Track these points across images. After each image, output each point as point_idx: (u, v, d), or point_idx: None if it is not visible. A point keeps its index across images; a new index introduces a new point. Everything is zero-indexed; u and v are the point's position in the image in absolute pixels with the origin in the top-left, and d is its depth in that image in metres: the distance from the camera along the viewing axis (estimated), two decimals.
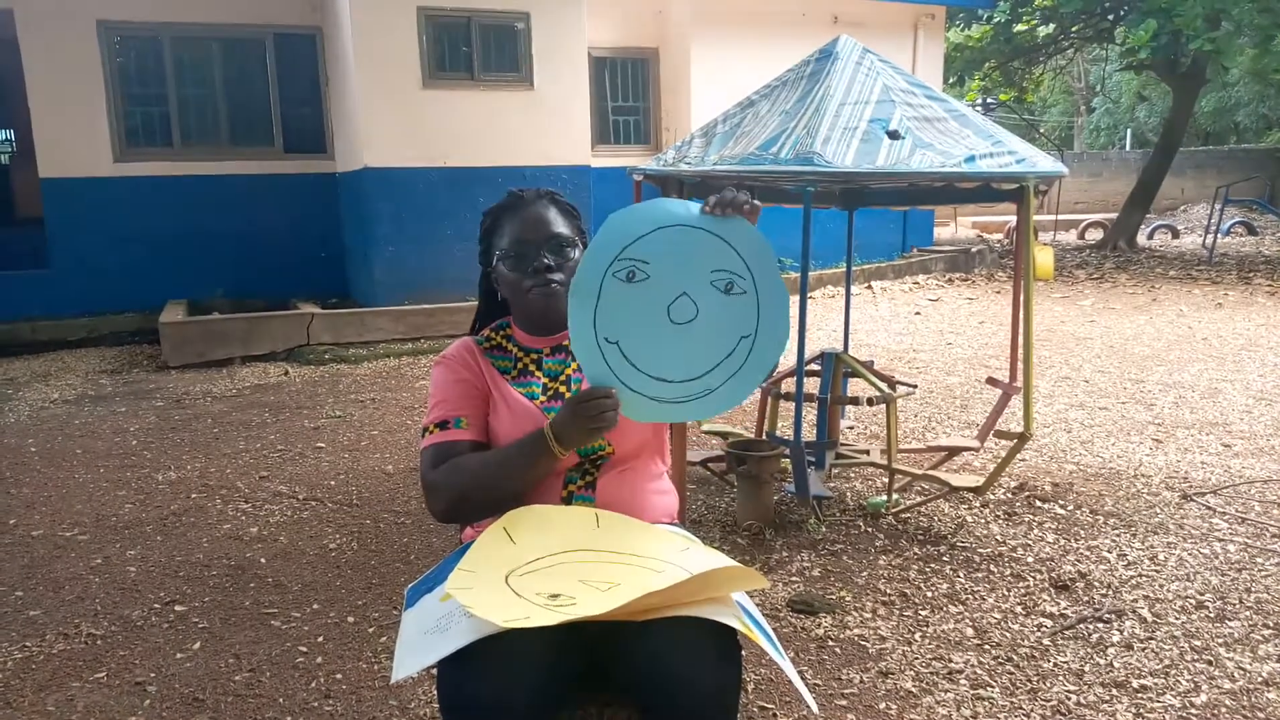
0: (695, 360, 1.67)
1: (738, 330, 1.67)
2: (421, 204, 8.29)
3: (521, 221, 1.83)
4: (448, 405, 1.81)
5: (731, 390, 1.68)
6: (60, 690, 2.63)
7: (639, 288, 1.65)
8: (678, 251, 1.65)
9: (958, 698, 2.49)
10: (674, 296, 1.66)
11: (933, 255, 12.82)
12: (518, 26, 8.42)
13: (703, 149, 3.71)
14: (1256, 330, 7.91)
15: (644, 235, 1.65)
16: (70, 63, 8.46)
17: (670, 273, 1.65)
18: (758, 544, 3.54)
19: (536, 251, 1.80)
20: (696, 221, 1.66)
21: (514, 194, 1.89)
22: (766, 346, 1.68)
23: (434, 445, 1.77)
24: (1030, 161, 3.37)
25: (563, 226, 1.84)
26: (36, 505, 4.17)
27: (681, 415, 1.70)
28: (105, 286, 8.70)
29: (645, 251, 1.64)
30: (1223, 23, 12.01)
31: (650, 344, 1.66)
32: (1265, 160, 22.44)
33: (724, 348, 1.67)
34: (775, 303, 1.67)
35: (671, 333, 1.66)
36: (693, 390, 1.67)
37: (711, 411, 1.70)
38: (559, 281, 1.80)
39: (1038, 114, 32.22)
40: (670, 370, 1.67)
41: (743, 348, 1.67)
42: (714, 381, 1.67)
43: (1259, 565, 3.27)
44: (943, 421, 5.27)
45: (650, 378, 1.66)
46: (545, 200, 1.87)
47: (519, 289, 1.82)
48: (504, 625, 1.32)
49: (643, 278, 1.64)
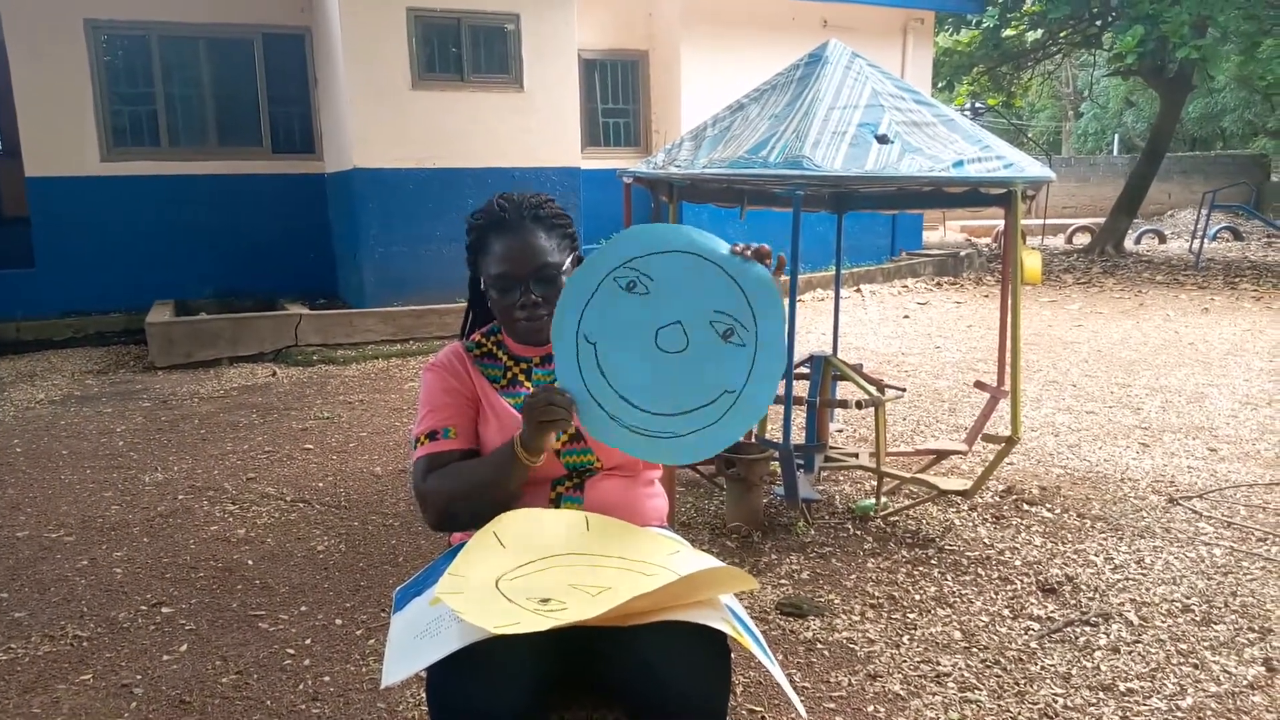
0: (669, 396, 1.60)
1: (723, 382, 1.59)
2: (410, 205, 8.27)
3: (507, 250, 1.77)
4: (436, 415, 1.80)
5: (695, 444, 1.60)
6: (46, 692, 2.61)
7: (636, 299, 1.60)
8: (688, 280, 1.59)
9: (945, 700, 2.49)
10: (668, 321, 1.59)
11: (921, 259, 12.86)
12: (507, 28, 8.41)
13: (692, 152, 3.71)
14: (1242, 335, 7.96)
15: (659, 253, 1.59)
16: (57, 61, 8.41)
17: (672, 297, 1.59)
18: (746, 547, 3.54)
19: (524, 286, 1.77)
20: (718, 258, 1.60)
21: (499, 209, 1.81)
22: (745, 410, 1.59)
23: (425, 456, 1.78)
24: (1018, 166, 3.38)
25: (550, 254, 1.78)
26: (22, 506, 4.14)
27: (634, 447, 1.62)
28: (92, 286, 8.65)
29: (654, 268, 1.60)
30: (1209, 29, 12.10)
31: (628, 360, 1.60)
32: (1251, 166, 22.59)
33: (703, 395, 1.59)
34: (769, 367, 1.58)
35: (654, 357, 1.60)
36: (654, 427, 1.60)
37: (666, 458, 1.63)
38: (547, 312, 1.77)
39: (1026, 119, 32.37)
40: (640, 395, 1.60)
41: (723, 402, 1.59)
42: (680, 428, 1.59)
43: (1244, 569, 3.29)
44: (931, 425, 5.29)
45: (616, 393, 1.60)
46: (530, 221, 1.79)
47: (508, 314, 1.81)
48: (495, 631, 1.31)
49: (642, 291, 1.60)
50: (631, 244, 1.61)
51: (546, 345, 1.85)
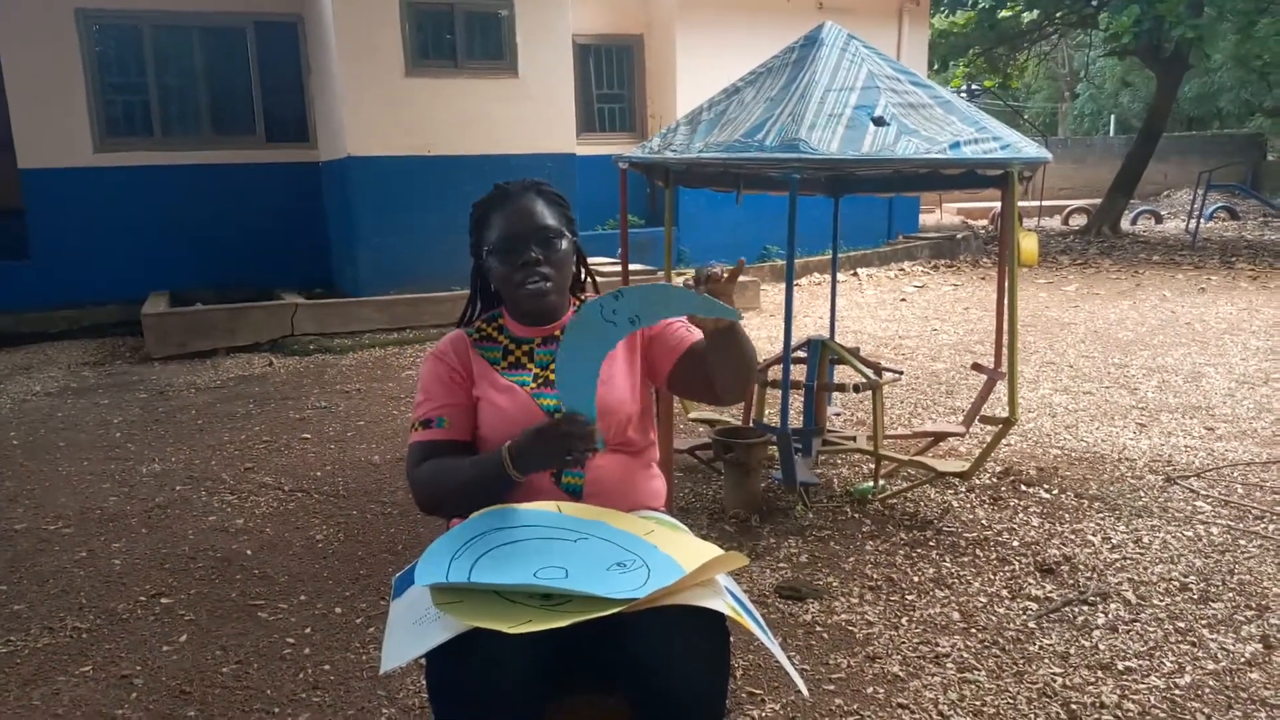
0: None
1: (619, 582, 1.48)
2: (405, 193, 8.24)
3: (508, 215, 1.82)
4: (431, 404, 1.83)
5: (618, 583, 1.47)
6: (46, 684, 2.62)
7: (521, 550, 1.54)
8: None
9: (944, 681, 2.50)
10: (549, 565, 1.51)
11: (918, 242, 12.85)
12: (501, 13, 8.37)
13: (688, 136, 3.70)
14: (1239, 314, 7.96)
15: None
16: (48, 51, 8.36)
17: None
18: (745, 531, 3.55)
19: (525, 245, 1.80)
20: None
21: (500, 187, 1.88)
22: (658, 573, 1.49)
23: (418, 443, 1.81)
24: (1015, 148, 3.37)
25: (550, 218, 1.83)
26: (19, 498, 4.14)
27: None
28: (87, 278, 8.62)
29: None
30: (1205, 9, 12.06)
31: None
32: (1248, 145, 22.57)
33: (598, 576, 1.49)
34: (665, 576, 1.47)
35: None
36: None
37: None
38: (548, 275, 1.81)
39: (1022, 100, 32.28)
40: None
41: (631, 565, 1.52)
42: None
43: (1241, 547, 3.30)
44: (929, 407, 5.29)
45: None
46: (531, 192, 1.85)
47: (509, 283, 1.83)
48: (510, 631, 1.33)
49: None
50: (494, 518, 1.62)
51: (548, 324, 1.88)
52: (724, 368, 1.72)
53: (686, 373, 1.83)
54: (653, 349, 1.88)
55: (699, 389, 1.85)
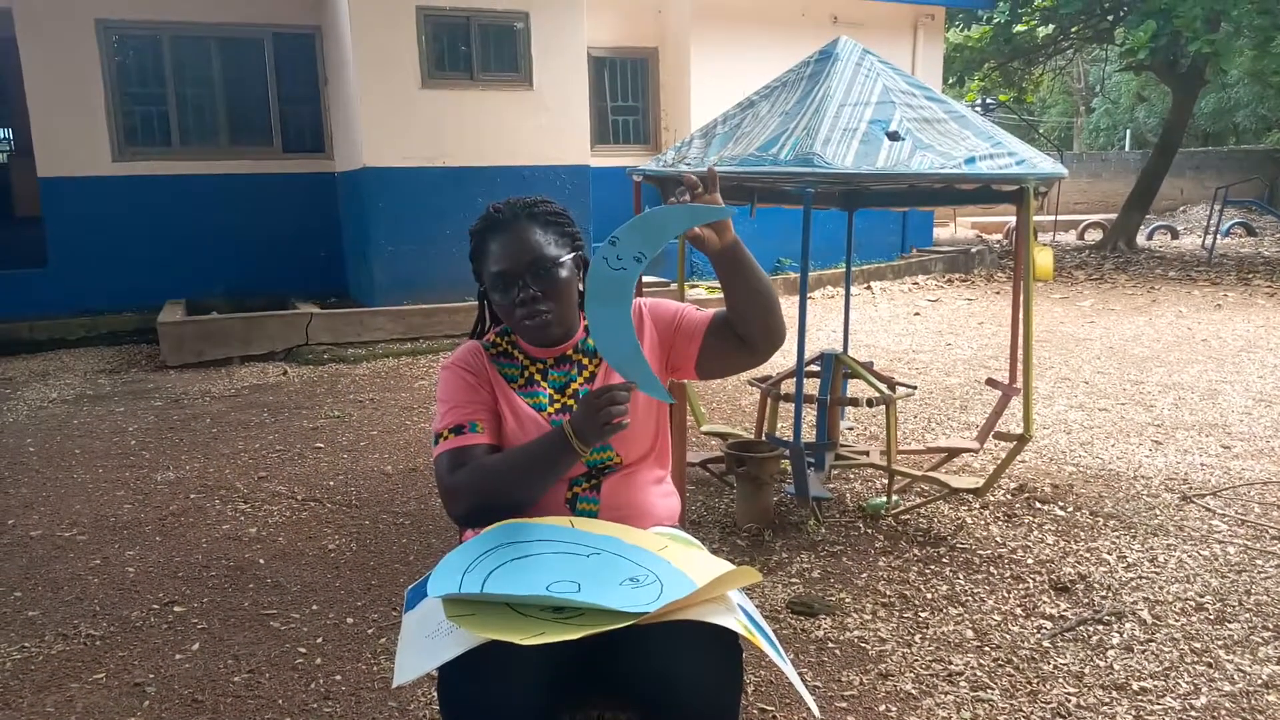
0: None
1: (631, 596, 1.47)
2: (420, 204, 8.28)
3: (503, 248, 1.76)
4: (461, 410, 1.77)
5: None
6: (59, 691, 2.63)
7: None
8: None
9: (958, 700, 2.48)
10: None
11: (932, 256, 12.82)
12: (517, 26, 8.41)
13: (703, 150, 3.71)
14: (1256, 331, 7.91)
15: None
16: (69, 61, 8.45)
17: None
18: (757, 545, 3.54)
19: (520, 280, 1.75)
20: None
21: (492, 213, 1.81)
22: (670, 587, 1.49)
23: (450, 451, 1.74)
24: (1030, 163, 3.37)
25: (546, 246, 1.76)
26: (35, 505, 4.16)
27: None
28: (104, 286, 8.68)
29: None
30: (1222, 24, 12.01)
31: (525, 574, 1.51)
32: (1264, 161, 22.43)
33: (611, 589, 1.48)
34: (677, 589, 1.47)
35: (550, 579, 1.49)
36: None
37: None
38: (547, 309, 1.76)
39: (1037, 114, 32.23)
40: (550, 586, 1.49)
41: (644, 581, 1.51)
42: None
43: (1259, 567, 3.27)
44: (942, 423, 5.27)
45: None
46: (524, 218, 1.77)
47: (510, 317, 1.80)
48: (524, 643, 1.32)
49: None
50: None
51: (554, 347, 1.86)
52: (745, 297, 1.68)
53: (714, 345, 1.79)
54: (676, 343, 1.84)
55: (730, 353, 1.78)
